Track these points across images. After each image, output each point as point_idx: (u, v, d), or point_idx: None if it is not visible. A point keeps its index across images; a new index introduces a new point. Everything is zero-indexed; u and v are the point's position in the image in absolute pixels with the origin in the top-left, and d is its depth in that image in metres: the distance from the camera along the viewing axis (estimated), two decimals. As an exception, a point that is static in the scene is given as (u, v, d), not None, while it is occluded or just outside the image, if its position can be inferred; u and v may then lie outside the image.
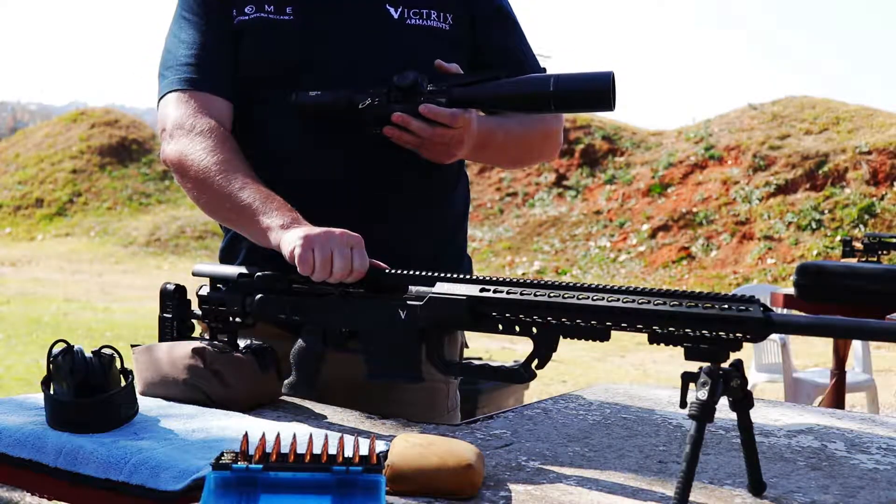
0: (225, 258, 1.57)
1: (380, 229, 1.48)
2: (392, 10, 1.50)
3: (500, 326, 1.09)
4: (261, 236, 1.32)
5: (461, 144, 1.39)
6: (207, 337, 1.35)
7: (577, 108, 1.35)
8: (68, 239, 17.96)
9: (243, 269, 1.32)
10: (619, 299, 0.99)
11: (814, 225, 13.44)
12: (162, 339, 1.36)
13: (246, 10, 1.48)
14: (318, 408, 1.31)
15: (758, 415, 1.31)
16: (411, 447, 0.97)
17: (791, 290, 3.65)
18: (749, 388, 0.95)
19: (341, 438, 0.93)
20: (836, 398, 3.99)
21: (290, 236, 1.24)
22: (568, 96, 1.30)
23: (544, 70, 1.64)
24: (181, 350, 1.28)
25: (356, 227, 1.47)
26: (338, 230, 1.23)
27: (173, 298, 1.36)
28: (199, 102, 1.45)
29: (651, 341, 0.99)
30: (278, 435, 0.91)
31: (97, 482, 1.00)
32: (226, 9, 1.50)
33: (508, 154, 1.63)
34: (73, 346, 1.12)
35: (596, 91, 1.28)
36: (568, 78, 1.31)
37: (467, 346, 1.68)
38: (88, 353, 1.12)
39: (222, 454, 0.88)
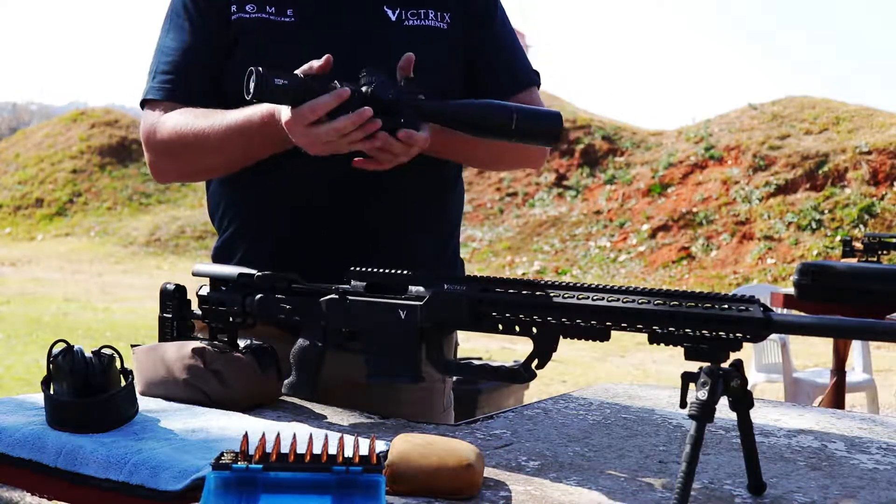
0: (220, 258, 1.56)
1: (376, 220, 1.48)
2: (390, 13, 1.50)
3: (500, 326, 1.09)
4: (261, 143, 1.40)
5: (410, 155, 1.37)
6: (207, 337, 1.35)
7: (531, 142, 1.36)
8: (68, 239, 17.97)
9: (243, 269, 1.32)
10: (619, 299, 0.99)
11: (814, 225, 13.44)
12: (162, 339, 1.36)
13: (247, 7, 1.48)
14: (318, 408, 1.31)
15: (758, 415, 1.31)
16: (411, 447, 0.97)
17: (791, 290, 3.64)
18: (749, 388, 0.95)
19: (341, 438, 0.93)
20: (836, 398, 3.99)
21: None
22: (527, 130, 1.31)
23: (538, 74, 1.63)
24: (181, 350, 1.28)
25: (356, 222, 1.47)
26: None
27: (173, 298, 1.36)
28: (169, 111, 1.49)
29: (651, 341, 0.99)
30: (278, 435, 0.91)
31: (97, 482, 1.00)
32: (222, 5, 1.49)
33: (469, 152, 1.56)
34: (73, 346, 1.12)
35: (551, 129, 1.32)
36: (527, 113, 1.32)
37: (457, 344, 1.68)
38: (88, 353, 1.12)
39: (222, 454, 0.88)
